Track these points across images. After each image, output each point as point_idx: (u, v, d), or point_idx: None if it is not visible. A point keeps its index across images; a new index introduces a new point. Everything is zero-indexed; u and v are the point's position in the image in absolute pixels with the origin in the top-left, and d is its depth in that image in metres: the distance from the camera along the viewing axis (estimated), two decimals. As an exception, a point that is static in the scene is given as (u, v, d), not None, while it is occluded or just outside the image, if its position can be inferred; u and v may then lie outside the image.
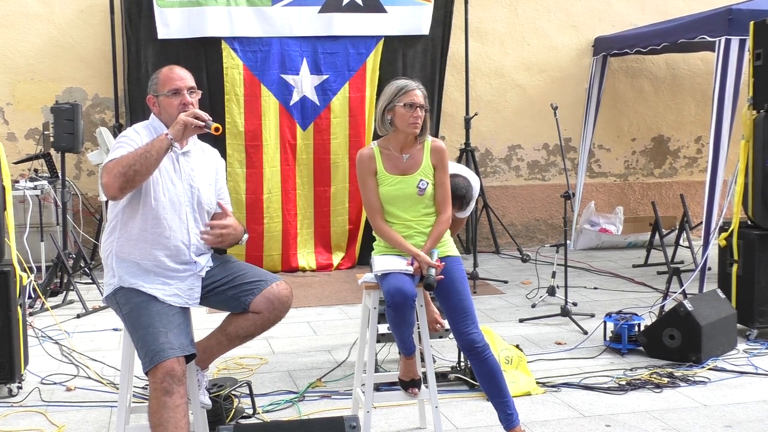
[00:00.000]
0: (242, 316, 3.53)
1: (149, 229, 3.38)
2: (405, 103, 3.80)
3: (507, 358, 4.64)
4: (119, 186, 3.21)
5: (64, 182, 7.06)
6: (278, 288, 3.53)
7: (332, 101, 8.20)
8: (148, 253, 3.39)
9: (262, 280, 3.53)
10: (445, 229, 3.90)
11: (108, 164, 3.28)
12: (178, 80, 3.50)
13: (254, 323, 3.52)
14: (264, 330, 3.60)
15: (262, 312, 3.50)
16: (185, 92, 3.48)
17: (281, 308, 3.53)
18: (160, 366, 3.15)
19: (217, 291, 3.52)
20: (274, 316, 3.54)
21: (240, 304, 3.50)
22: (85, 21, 8.44)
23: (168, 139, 3.29)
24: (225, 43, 7.93)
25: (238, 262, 3.69)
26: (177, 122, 3.34)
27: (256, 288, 3.50)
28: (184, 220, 3.45)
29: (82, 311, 6.43)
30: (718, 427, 4.12)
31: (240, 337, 3.59)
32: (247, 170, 8.00)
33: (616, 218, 9.44)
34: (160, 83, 3.51)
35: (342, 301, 6.92)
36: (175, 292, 3.39)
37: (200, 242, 3.50)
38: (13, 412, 4.39)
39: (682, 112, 9.98)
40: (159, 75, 3.54)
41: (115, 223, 3.45)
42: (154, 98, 3.54)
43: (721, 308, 5.28)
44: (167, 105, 3.48)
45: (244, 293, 3.49)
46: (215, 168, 3.66)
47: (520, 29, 9.46)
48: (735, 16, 6.47)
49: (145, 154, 3.23)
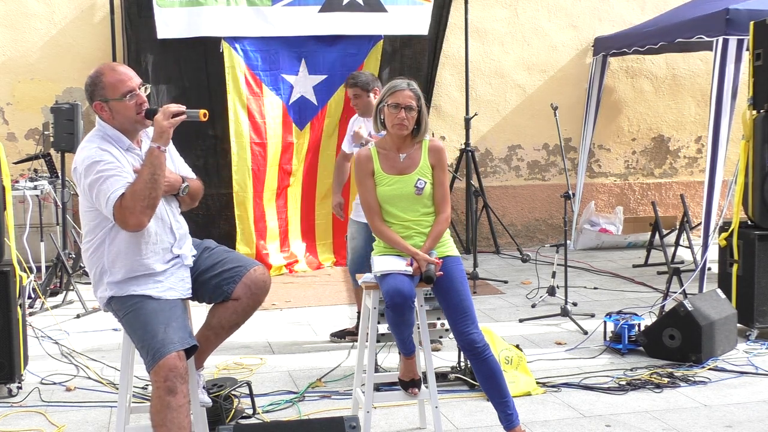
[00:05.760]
0: (223, 305, 3.51)
1: (135, 241, 3.33)
2: (391, 103, 3.80)
3: (507, 358, 4.64)
4: (149, 218, 3.24)
5: (63, 182, 7.07)
6: (255, 273, 3.50)
7: (329, 101, 8.21)
8: (140, 264, 3.35)
9: (240, 266, 3.51)
10: (444, 228, 3.90)
11: (123, 203, 3.18)
12: (128, 80, 3.32)
13: (235, 311, 3.51)
14: (246, 317, 3.58)
15: (241, 298, 3.48)
16: (139, 91, 3.35)
17: (259, 293, 3.52)
18: (162, 363, 3.14)
19: (201, 281, 3.51)
20: (254, 301, 3.52)
21: (223, 292, 3.49)
22: (85, 21, 8.44)
23: (161, 151, 3.26)
24: (225, 43, 7.93)
25: (218, 248, 3.64)
26: (162, 131, 3.26)
27: (236, 275, 3.48)
28: (167, 221, 3.42)
29: (81, 311, 6.43)
30: (718, 427, 4.12)
31: (225, 328, 3.56)
32: (252, 168, 8.01)
33: (616, 218, 9.44)
34: (108, 87, 3.30)
35: (342, 301, 6.92)
36: (168, 287, 3.38)
37: (181, 234, 3.47)
38: (12, 412, 4.39)
39: (682, 112, 9.98)
40: (103, 79, 3.31)
41: (101, 241, 3.36)
42: (102, 104, 3.31)
43: (721, 308, 5.28)
44: (122, 108, 3.30)
45: (225, 281, 3.48)
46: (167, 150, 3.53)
47: (520, 29, 9.46)
48: (733, 15, 6.47)
49: (153, 177, 3.21)
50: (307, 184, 8.35)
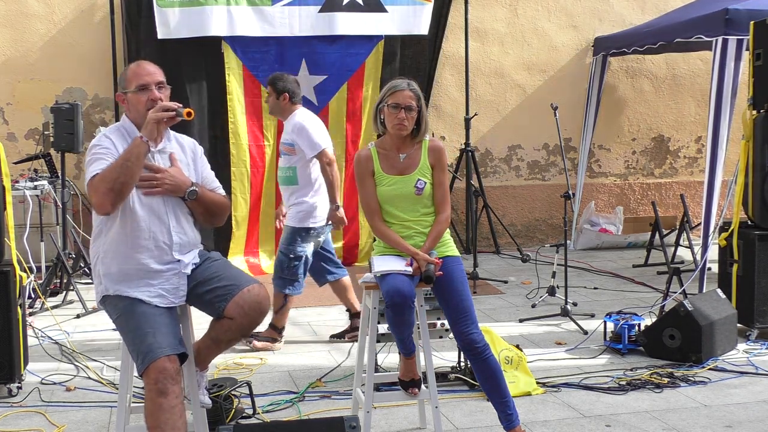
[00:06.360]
0: (219, 322, 3.44)
1: (129, 233, 3.34)
2: (390, 103, 3.80)
3: (507, 358, 4.64)
4: (111, 202, 3.20)
5: (63, 182, 7.06)
6: (250, 293, 3.37)
7: (330, 102, 8.20)
8: (130, 257, 3.35)
9: (233, 284, 3.39)
10: (444, 228, 3.89)
11: (93, 182, 3.23)
12: (146, 75, 3.41)
13: (230, 329, 3.42)
14: (244, 335, 3.56)
15: (235, 318, 3.38)
16: (153, 87, 3.40)
17: (254, 314, 3.38)
18: (152, 366, 3.13)
19: (197, 293, 3.45)
20: (248, 321, 3.40)
21: (215, 309, 3.41)
22: (85, 21, 8.44)
23: (143, 142, 3.26)
24: (225, 43, 7.93)
25: (219, 260, 3.58)
26: (147, 122, 3.29)
27: (228, 293, 3.38)
28: (165, 221, 3.39)
29: (81, 311, 6.43)
30: (718, 427, 4.12)
31: (223, 342, 3.51)
32: (251, 169, 8.00)
33: (616, 218, 9.44)
34: (128, 80, 3.43)
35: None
36: (159, 293, 3.35)
37: (183, 240, 3.45)
38: (12, 412, 4.39)
39: (682, 112, 9.98)
40: (127, 71, 3.47)
41: (100, 230, 3.41)
42: (122, 95, 3.47)
43: (721, 308, 5.28)
44: (135, 102, 3.41)
45: (217, 299, 3.39)
46: (192, 157, 3.57)
47: (520, 29, 9.46)
48: (732, 15, 6.47)
49: (126, 164, 3.21)
50: None
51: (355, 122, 8.33)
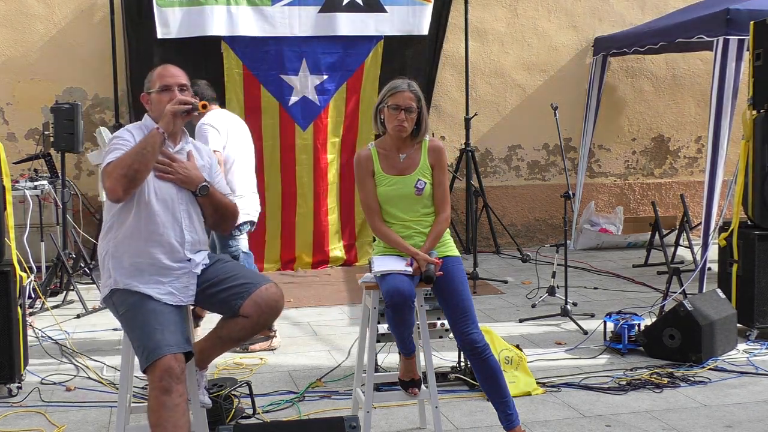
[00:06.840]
0: (233, 320, 3.47)
1: (143, 227, 3.39)
2: (390, 104, 3.80)
3: (507, 358, 4.64)
4: (123, 188, 3.28)
5: (64, 182, 7.06)
6: (267, 291, 3.44)
7: (330, 102, 8.20)
8: (143, 251, 3.39)
9: (250, 283, 3.46)
10: (444, 228, 3.90)
11: (107, 168, 3.32)
12: (169, 77, 3.53)
13: (244, 327, 3.47)
14: (255, 333, 3.59)
15: (251, 316, 3.42)
16: (175, 89, 3.50)
17: (270, 312, 3.47)
18: (158, 364, 3.14)
19: (209, 293, 3.48)
20: (264, 319, 3.48)
21: (230, 308, 3.45)
22: (85, 21, 8.44)
23: (160, 132, 3.35)
24: (225, 43, 7.93)
25: (231, 262, 3.67)
26: (165, 114, 3.40)
27: (245, 291, 3.43)
28: (178, 219, 3.45)
29: (82, 311, 6.43)
30: (718, 427, 4.12)
31: (233, 340, 3.56)
32: None
33: (616, 218, 9.44)
34: (152, 81, 3.56)
35: (342, 301, 6.92)
36: (169, 291, 3.38)
37: (195, 239, 3.49)
38: (12, 412, 4.39)
39: (682, 112, 9.98)
40: (153, 73, 3.59)
41: (111, 224, 3.46)
42: (147, 96, 3.58)
43: (721, 308, 5.28)
44: (158, 101, 3.51)
45: (233, 297, 3.44)
46: (209, 165, 3.67)
47: (520, 29, 9.46)
48: (733, 15, 6.47)
49: (141, 152, 3.30)
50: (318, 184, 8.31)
51: (354, 122, 8.33)
